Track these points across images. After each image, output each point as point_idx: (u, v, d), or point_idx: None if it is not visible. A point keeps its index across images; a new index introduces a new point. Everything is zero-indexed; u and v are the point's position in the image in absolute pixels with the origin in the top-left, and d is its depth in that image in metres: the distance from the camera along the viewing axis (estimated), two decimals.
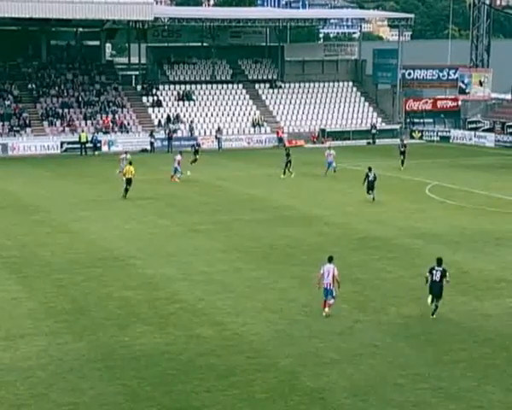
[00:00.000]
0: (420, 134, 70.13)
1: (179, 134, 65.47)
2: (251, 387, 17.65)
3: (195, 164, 49.57)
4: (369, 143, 67.65)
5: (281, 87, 73.43)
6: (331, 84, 74.77)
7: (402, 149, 50.38)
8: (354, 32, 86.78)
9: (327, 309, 21.95)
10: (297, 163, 49.46)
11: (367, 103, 73.80)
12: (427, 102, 72.64)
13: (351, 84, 75.50)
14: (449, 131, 69.72)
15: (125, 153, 46.72)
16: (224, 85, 71.95)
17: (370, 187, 39.68)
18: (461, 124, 70.85)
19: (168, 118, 66.67)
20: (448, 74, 72.57)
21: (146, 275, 26.40)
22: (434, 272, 21.99)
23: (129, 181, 40.23)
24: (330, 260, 22.25)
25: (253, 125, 68.39)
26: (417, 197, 41.04)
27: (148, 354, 19.48)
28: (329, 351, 19.56)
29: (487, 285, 25.04)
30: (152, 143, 62.41)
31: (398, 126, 70.74)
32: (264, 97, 72.35)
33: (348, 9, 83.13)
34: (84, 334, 20.79)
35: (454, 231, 32.95)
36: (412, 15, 78.18)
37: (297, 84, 73.91)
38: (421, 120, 71.77)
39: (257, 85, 73.21)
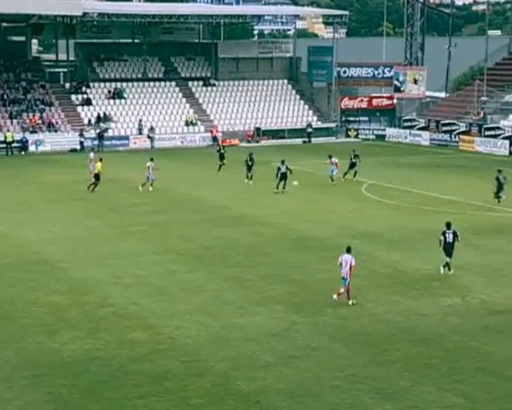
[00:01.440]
0: (355, 133, 70.89)
1: (110, 133, 64.80)
2: (185, 392, 17.58)
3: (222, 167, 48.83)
4: (304, 142, 68.10)
5: (215, 85, 73.36)
6: (266, 81, 75.02)
7: (353, 161, 46.06)
8: (289, 29, 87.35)
9: (335, 296, 23.31)
10: (231, 163, 49.51)
11: (302, 101, 74.30)
12: (362, 100, 73.47)
13: (286, 82, 75.90)
14: (384, 130, 70.66)
15: (92, 150, 48.24)
16: (157, 83, 71.51)
17: (282, 178, 41.68)
18: (396, 122, 71.88)
19: (98, 117, 65.92)
20: (383, 72, 73.55)
21: (75, 279, 26.05)
22: (447, 235, 25.81)
23: (97, 176, 42.27)
24: (349, 250, 23.54)
25: (187, 124, 68.15)
26: (354, 197, 41.50)
27: (78, 360, 19.22)
28: (265, 353, 19.61)
29: (423, 284, 25.45)
30: (82, 143, 61.64)
31: (333, 125, 71.39)
32: (197, 95, 72.18)
33: (282, 6, 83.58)
34: (10, 341, 20.40)
35: (390, 230, 33.41)
36: (347, 12, 79.01)
37: (231, 82, 73.95)
38: (357, 119, 72.55)
39: (190, 83, 72.99)
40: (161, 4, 74.17)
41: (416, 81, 72.43)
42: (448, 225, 26.06)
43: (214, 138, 66.34)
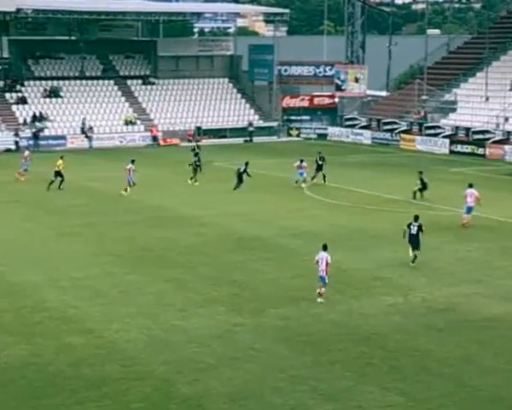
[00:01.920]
0: (297, 132, 71.28)
1: (46, 133, 63.89)
2: (125, 396, 17.44)
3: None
4: (246, 141, 68.21)
5: (154, 84, 72.97)
6: (206, 80, 74.91)
7: (320, 163, 45.23)
8: (229, 27, 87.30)
9: (319, 298, 23.52)
10: (172, 162, 49.31)
11: (243, 100, 74.40)
12: (304, 99, 73.88)
13: (227, 80, 75.91)
14: (326, 129, 71.21)
15: (27, 149, 48.48)
16: (94, 82, 70.80)
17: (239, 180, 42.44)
18: (338, 121, 72.51)
19: (34, 116, 64.94)
20: (324, 71, 74.07)
21: (10, 282, 25.63)
22: (412, 226, 27.27)
23: (58, 173, 42.34)
24: (325, 248, 23.90)
25: (126, 124, 67.63)
26: (296, 196, 41.72)
27: (14, 366, 18.92)
28: (207, 356, 19.59)
29: (364, 284, 25.72)
30: (17, 143, 60.65)
31: (275, 124, 71.66)
32: (136, 94, 71.70)
33: (223, 4, 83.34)
34: None
35: (332, 229, 33.68)
36: (287, 11, 79.37)
37: (171, 81, 73.64)
38: (299, 118, 72.96)
39: (129, 82, 72.44)
40: (99, 1, 73.36)
41: (357, 80, 73.15)
42: (416, 218, 27.47)
43: (154, 138, 66.01)
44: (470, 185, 35.34)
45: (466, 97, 65.77)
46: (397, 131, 65.82)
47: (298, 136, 70.88)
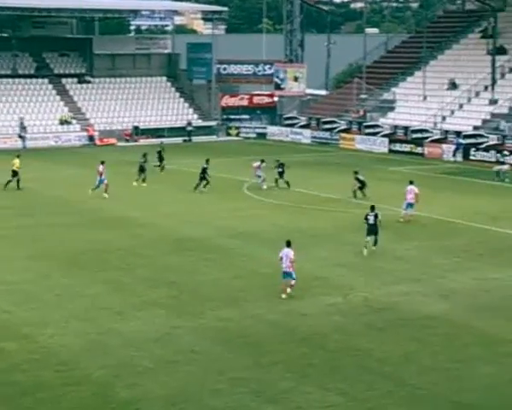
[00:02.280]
0: (237, 131, 71.33)
1: None
2: (60, 403, 17.22)
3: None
4: (185, 141, 67.99)
5: (90, 82, 72.18)
6: (144, 79, 74.41)
7: (280, 170, 43.79)
8: (167, 25, 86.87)
9: (289, 290, 24.08)
10: (109, 163, 48.77)
11: (182, 99, 74.14)
12: (243, 98, 73.97)
13: (165, 79, 75.53)
14: (265, 128, 71.40)
15: None
16: (28, 80, 69.66)
17: (202, 178, 42.23)
18: (277, 120, 72.78)
19: None
20: (263, 69, 74.28)
21: None
22: (369, 217, 29.25)
23: (15, 173, 42.40)
24: (288, 244, 24.46)
25: (61, 123, 66.74)
26: (235, 196, 41.75)
27: None
28: (145, 359, 19.45)
29: (305, 284, 25.82)
30: None
31: (214, 123, 71.60)
32: (72, 93, 70.82)
33: (160, 1, 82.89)
34: None
35: (272, 229, 33.80)
36: (226, 9, 79.47)
37: (107, 79, 72.95)
38: (238, 117, 73.02)
39: (64, 80, 71.49)
40: None
41: (296, 79, 73.54)
42: (372, 208, 29.17)
43: (90, 138, 65.32)
44: (411, 182, 36.00)
45: (404, 96, 66.69)
46: (336, 130, 66.37)
47: (237, 135, 70.93)
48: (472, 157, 55.06)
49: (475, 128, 58.44)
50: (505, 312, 22.86)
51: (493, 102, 59.98)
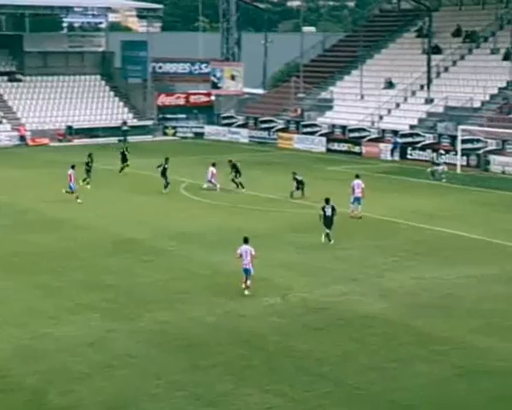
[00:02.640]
0: (173, 131, 71.08)
1: None
2: None
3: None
4: (120, 141, 67.42)
5: (21, 81, 71.02)
6: (77, 77, 73.57)
7: (235, 171, 43.87)
8: (101, 23, 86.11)
9: (248, 284, 24.62)
10: (42, 163, 48.21)
11: (117, 98, 73.53)
12: (179, 97, 73.75)
13: (99, 77, 74.79)
14: (203, 128, 71.31)
15: None
16: None
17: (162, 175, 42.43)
18: (214, 120, 72.75)
19: None
20: (200, 68, 74.18)
21: None
22: (326, 209, 30.92)
23: None
24: (246, 241, 24.94)
25: None
26: (172, 197, 41.58)
27: None
28: (80, 365, 19.25)
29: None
30: None
31: (150, 123, 71.22)
32: (2, 91, 69.62)
33: None
34: None
35: (210, 230, 33.79)
36: (161, 6, 78.97)
37: (39, 78, 71.92)
38: (174, 116, 72.76)
39: None
40: None
41: (233, 77, 73.64)
42: (327, 201, 29.99)
43: (22, 137, 64.32)
44: (357, 176, 36.90)
45: (342, 95, 67.31)
46: (274, 129, 66.66)
47: (174, 135, 70.67)
48: (409, 156, 55.87)
49: (412, 127, 59.35)
50: (442, 310, 23.27)
51: (429, 101, 60.98)
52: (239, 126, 69.78)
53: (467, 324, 22.04)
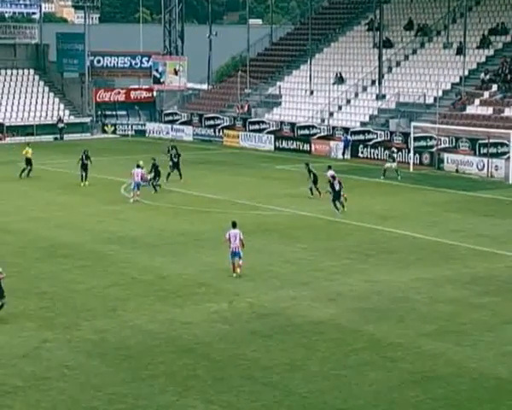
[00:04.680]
0: (113, 128, 70.67)
1: None
2: None
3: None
4: (56, 139, 66.85)
5: None
6: (8, 71, 72.73)
7: (175, 160, 45.68)
8: (34, 13, 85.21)
9: (238, 270, 26.88)
10: None
11: (52, 94, 72.83)
12: (119, 92, 73.41)
13: (32, 71, 74.01)
14: (144, 125, 71.07)
15: None
16: None
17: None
18: (157, 116, 72.53)
19: None
20: (141, 62, 73.91)
21: None
22: (335, 184, 35.74)
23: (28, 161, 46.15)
24: (234, 225, 26.92)
25: None
26: (112, 198, 41.35)
27: None
28: (12, 378, 19.01)
29: (188, 290, 25.89)
30: None
31: (88, 120, 70.71)
32: None
33: None
34: None
35: (151, 233, 33.70)
36: None
37: None
38: (114, 113, 72.35)
39: None
40: None
41: (176, 72, 73.53)
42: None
43: None
44: (329, 167, 40.79)
45: (290, 91, 67.68)
46: (220, 126, 66.73)
47: (114, 132, 70.29)
48: (360, 154, 56.41)
49: (363, 124, 59.92)
50: (394, 314, 23.54)
51: (381, 97, 61.63)
52: (182, 124, 69.69)
53: (419, 328, 22.34)
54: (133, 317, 23.25)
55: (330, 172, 39.13)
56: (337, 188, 37.06)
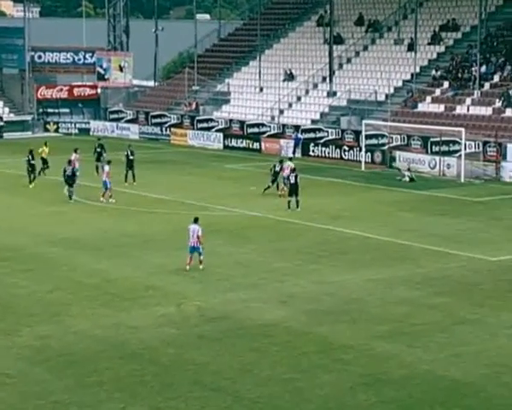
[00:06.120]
0: (56, 126, 70.03)
1: None
2: None
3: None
4: None
5: None
6: None
7: (131, 158, 45.54)
8: None
9: (201, 266, 27.90)
10: None
11: None
12: (62, 89, 72.74)
13: None
14: (88, 123, 70.53)
15: None
16: None
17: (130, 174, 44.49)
18: (101, 114, 72.04)
19: None
20: (84, 58, 73.35)
21: None
22: (291, 177, 35.98)
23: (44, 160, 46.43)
24: (196, 220, 27.77)
25: None
26: (54, 199, 40.94)
27: None
28: None
29: (135, 294, 25.78)
30: None
31: (29, 118, 69.95)
32: None
33: None
34: None
35: (96, 234, 33.48)
36: None
37: None
38: (57, 110, 71.69)
39: None
40: None
41: (121, 68, 73.13)
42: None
43: None
44: (290, 159, 43.35)
45: (239, 88, 67.75)
46: (167, 125, 66.51)
47: (56, 131, 69.65)
48: (311, 153, 56.64)
49: (314, 122, 60.20)
50: (347, 316, 23.70)
51: (332, 94, 61.98)
52: (128, 122, 69.33)
53: (372, 330, 22.52)
54: (77, 322, 23.07)
55: (289, 164, 41.07)
56: (292, 181, 38.25)
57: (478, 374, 19.45)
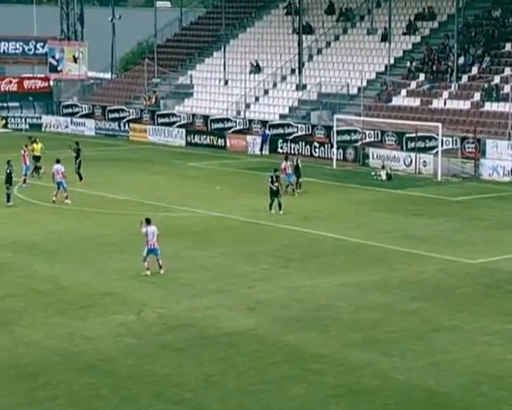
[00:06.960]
0: (4, 122, 69.63)
1: None
2: None
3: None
4: None
5: None
6: None
7: (75, 155, 45.98)
8: None
9: (162, 271, 28.05)
10: None
11: None
12: (11, 81, 72.38)
13: None
14: (40, 118, 70.17)
15: None
16: None
17: None
18: (54, 108, 71.68)
19: None
20: (35, 48, 72.99)
21: None
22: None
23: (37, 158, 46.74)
24: (149, 221, 27.95)
25: None
26: (3, 199, 40.66)
27: None
28: None
29: (91, 301, 25.68)
30: None
31: None
32: None
33: None
34: None
35: (50, 237, 33.33)
36: None
37: None
38: (5, 104, 71.26)
39: None
40: None
41: (75, 59, 72.88)
42: (275, 170, 31.82)
43: None
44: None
45: (203, 81, 67.74)
46: (125, 120, 66.34)
47: (5, 126, 69.29)
48: (280, 150, 56.71)
49: (282, 117, 60.31)
50: (318, 323, 23.76)
51: (301, 87, 62.13)
52: (83, 117, 69.12)
53: (344, 338, 22.60)
54: (29, 332, 22.95)
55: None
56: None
57: (456, 384, 19.59)
